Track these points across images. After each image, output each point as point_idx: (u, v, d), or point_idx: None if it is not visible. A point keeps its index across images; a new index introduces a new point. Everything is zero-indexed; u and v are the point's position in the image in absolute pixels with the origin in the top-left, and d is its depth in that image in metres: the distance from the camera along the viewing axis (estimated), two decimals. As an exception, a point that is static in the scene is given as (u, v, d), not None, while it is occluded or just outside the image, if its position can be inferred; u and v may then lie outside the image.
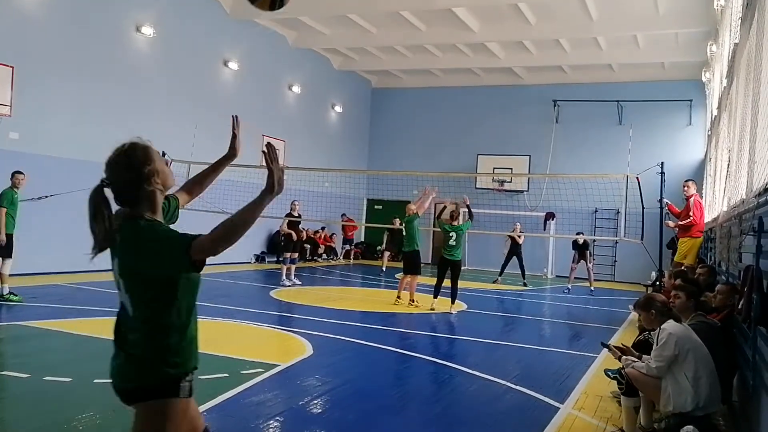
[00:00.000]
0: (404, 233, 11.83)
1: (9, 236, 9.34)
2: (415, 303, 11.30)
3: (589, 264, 16.14)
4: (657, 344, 4.48)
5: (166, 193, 2.63)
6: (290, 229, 13.96)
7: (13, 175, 9.62)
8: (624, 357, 4.90)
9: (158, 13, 14.76)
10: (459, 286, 11.14)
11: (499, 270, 17.32)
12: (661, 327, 4.53)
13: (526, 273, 17.28)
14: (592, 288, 15.98)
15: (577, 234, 16.22)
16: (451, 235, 10.97)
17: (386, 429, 4.88)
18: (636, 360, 4.74)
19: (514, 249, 17.05)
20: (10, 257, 9.41)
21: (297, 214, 14.02)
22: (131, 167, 2.46)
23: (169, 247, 2.34)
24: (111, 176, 2.47)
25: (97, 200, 2.42)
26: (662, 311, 4.72)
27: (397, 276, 11.81)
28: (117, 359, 2.54)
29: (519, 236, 16.91)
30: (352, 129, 23.43)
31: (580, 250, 16.03)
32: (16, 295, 9.34)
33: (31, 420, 4.60)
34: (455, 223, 11.39)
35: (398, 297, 11.59)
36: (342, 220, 20.55)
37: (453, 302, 10.95)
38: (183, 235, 2.33)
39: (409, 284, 11.48)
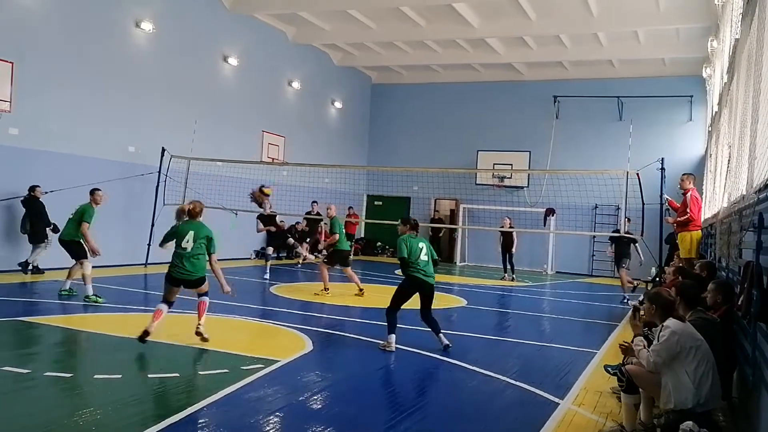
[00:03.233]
0: (333, 232, 12.38)
1: (79, 243, 9.73)
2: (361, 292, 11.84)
3: (623, 266, 13.65)
4: (658, 340, 4.48)
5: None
6: (265, 224, 14.82)
7: (94, 192, 10.07)
8: (635, 339, 4.83)
9: (158, 9, 14.72)
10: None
11: (503, 267, 17.29)
12: (664, 324, 4.51)
13: (516, 268, 17.35)
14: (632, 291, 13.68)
15: (627, 220, 13.57)
16: (420, 247, 7.71)
17: (387, 424, 4.88)
18: (643, 347, 4.67)
19: (505, 243, 16.96)
20: (86, 258, 9.74)
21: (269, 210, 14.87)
22: None
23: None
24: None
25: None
26: (666, 308, 4.67)
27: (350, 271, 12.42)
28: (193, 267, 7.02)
29: (513, 239, 16.81)
30: (352, 125, 23.40)
31: (621, 244, 13.66)
32: (101, 297, 9.49)
33: (31, 415, 4.60)
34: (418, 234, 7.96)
35: (326, 288, 11.87)
36: (348, 214, 20.57)
37: (440, 333, 7.81)
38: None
39: (351, 276, 12.13)
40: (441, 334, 7.68)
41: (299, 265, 17.05)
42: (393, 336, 7.44)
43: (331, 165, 19.31)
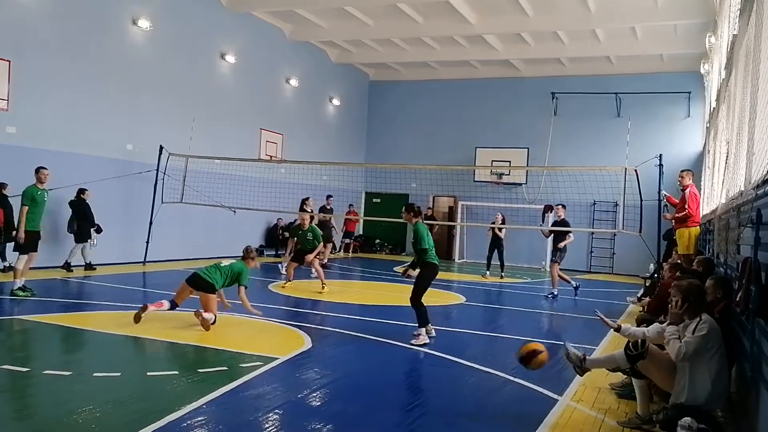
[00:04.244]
0: (308, 237, 12.52)
1: (34, 233, 9.39)
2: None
3: (555, 259, 13.37)
4: (694, 333, 4.45)
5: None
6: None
7: (37, 170, 9.65)
8: (668, 328, 4.73)
9: (155, 6, 14.68)
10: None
11: (486, 264, 16.85)
12: (702, 318, 4.48)
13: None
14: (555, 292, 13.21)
15: (561, 207, 13.54)
16: (429, 234, 8.17)
17: (386, 422, 4.89)
18: (677, 338, 4.58)
19: (495, 240, 16.66)
20: (31, 252, 9.46)
21: (309, 209, 15.00)
22: None
23: None
24: None
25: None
26: (699, 299, 4.60)
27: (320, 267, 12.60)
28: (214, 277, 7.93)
29: (500, 230, 16.49)
30: (349, 122, 23.38)
31: (558, 235, 13.34)
32: (24, 290, 9.26)
33: (30, 414, 4.61)
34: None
35: (289, 280, 12.28)
36: (348, 211, 20.55)
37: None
38: None
39: (319, 271, 12.20)
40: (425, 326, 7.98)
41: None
42: (426, 326, 7.64)
43: (329, 162, 19.29)
